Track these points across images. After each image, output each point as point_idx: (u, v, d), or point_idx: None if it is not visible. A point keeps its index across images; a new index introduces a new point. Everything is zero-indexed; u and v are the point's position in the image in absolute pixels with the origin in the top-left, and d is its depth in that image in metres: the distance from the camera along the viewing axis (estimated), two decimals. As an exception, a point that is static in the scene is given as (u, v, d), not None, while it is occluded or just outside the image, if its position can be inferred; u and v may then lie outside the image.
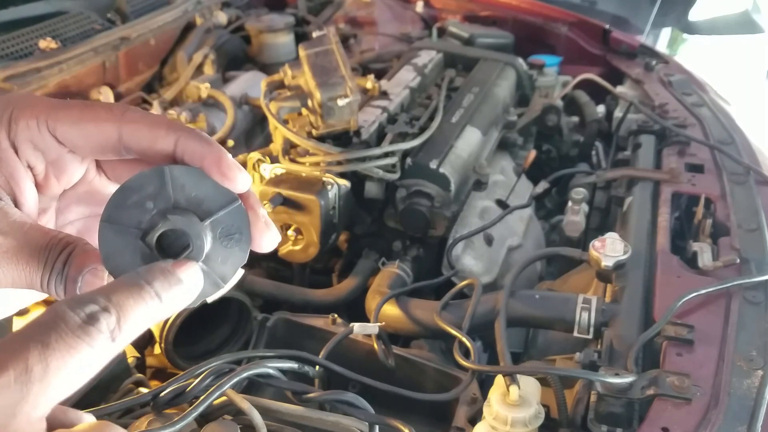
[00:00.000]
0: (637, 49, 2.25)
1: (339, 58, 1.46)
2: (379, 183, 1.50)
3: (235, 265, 0.45)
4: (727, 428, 0.86)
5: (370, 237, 1.58)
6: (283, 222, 1.43)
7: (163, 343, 1.23)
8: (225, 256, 0.44)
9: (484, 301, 1.20)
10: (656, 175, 1.49)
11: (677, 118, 1.71)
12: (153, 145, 0.43)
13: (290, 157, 1.46)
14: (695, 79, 2.01)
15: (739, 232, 1.26)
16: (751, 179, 1.43)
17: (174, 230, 0.42)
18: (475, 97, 1.82)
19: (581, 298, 1.15)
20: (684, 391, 0.91)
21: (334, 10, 2.73)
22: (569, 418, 0.98)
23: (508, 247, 1.61)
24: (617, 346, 1.05)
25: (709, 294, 1.09)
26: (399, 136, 1.55)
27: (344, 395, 0.90)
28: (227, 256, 0.44)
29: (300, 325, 1.24)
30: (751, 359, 0.96)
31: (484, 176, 1.60)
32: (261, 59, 2.35)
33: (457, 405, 1.05)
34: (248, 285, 1.44)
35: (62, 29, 1.91)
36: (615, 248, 1.17)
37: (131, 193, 0.42)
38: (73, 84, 1.83)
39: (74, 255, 0.41)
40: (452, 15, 2.66)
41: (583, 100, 2.11)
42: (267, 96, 1.56)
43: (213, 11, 2.39)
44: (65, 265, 0.40)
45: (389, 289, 1.34)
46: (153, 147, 0.43)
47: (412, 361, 1.17)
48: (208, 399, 0.85)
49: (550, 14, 2.51)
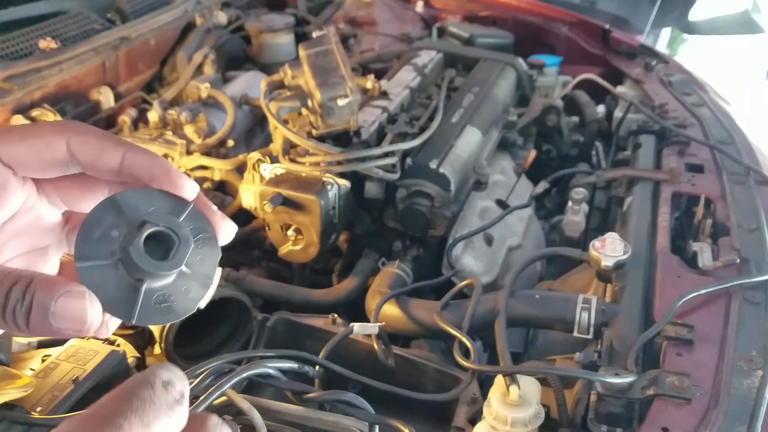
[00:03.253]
0: (637, 49, 2.25)
1: (339, 58, 1.46)
2: (379, 183, 1.50)
3: (213, 262, 0.46)
4: (727, 428, 0.86)
5: (370, 237, 1.58)
6: (283, 222, 1.43)
7: (163, 343, 1.23)
8: (201, 256, 0.45)
9: (484, 301, 1.20)
10: (656, 175, 1.49)
11: (677, 118, 1.71)
12: (100, 157, 0.44)
13: (290, 157, 1.46)
14: (695, 79, 2.01)
15: (739, 232, 1.26)
16: (751, 179, 1.43)
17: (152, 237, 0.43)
18: (475, 97, 1.82)
19: (581, 298, 1.15)
20: (684, 391, 0.91)
21: (334, 10, 2.73)
22: (569, 418, 0.98)
23: (508, 247, 1.61)
24: (617, 346, 1.05)
25: (709, 294, 1.09)
26: (399, 136, 1.55)
27: (344, 395, 0.90)
28: (203, 256, 0.45)
29: (300, 325, 1.24)
30: (751, 359, 0.96)
31: (484, 176, 1.60)
32: (261, 59, 2.36)
33: (457, 405, 1.05)
34: (248, 285, 1.44)
35: (62, 29, 1.91)
36: (615, 248, 1.17)
37: (93, 228, 0.43)
38: (73, 84, 1.83)
39: (36, 282, 0.40)
40: (452, 15, 2.66)
41: (583, 100, 2.11)
42: (267, 96, 1.56)
43: (213, 11, 2.39)
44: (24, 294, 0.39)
45: (389, 289, 1.34)
46: (100, 159, 0.44)
47: (412, 361, 1.17)
48: (208, 399, 0.85)
49: (550, 14, 2.52)
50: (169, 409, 0.37)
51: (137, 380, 0.38)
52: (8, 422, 0.93)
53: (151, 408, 0.37)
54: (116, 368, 1.07)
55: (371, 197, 1.52)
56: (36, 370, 1.04)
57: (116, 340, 1.18)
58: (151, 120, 1.86)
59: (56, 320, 0.39)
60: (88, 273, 0.42)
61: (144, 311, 0.42)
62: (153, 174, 0.44)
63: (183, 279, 0.44)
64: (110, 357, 1.08)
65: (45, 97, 1.73)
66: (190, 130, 1.80)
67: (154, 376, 0.38)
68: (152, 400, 0.37)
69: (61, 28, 1.92)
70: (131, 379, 0.38)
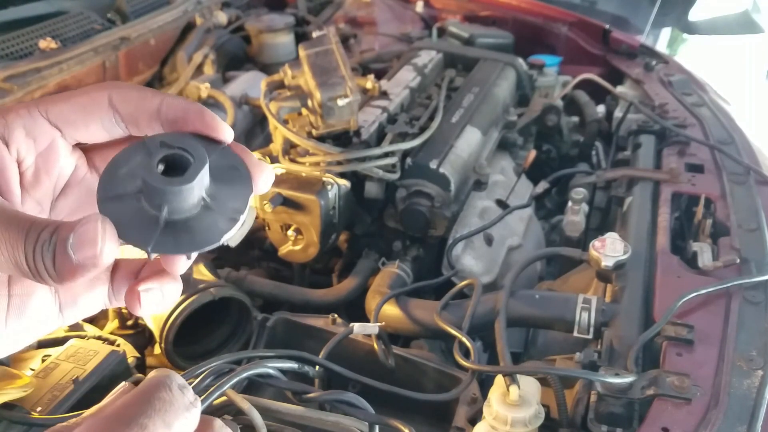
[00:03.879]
0: (637, 49, 2.25)
1: (339, 58, 1.46)
2: (379, 183, 1.50)
3: (244, 197, 0.44)
4: (727, 428, 0.86)
5: (370, 237, 1.58)
6: (283, 222, 1.43)
7: (163, 343, 1.23)
8: (231, 192, 0.44)
9: (484, 301, 1.20)
10: (656, 175, 1.49)
11: (677, 118, 1.71)
12: (140, 105, 0.44)
13: (290, 157, 1.46)
14: (695, 79, 2.01)
15: (739, 232, 1.26)
16: (751, 179, 1.43)
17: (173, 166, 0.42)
18: (475, 97, 1.82)
19: (581, 298, 1.15)
20: (684, 391, 0.91)
21: (334, 10, 2.73)
22: (569, 418, 0.98)
23: (508, 247, 1.61)
24: (617, 346, 1.05)
25: (709, 294, 1.09)
26: (399, 136, 1.55)
27: (344, 395, 0.90)
28: (233, 192, 0.44)
29: (300, 325, 1.24)
30: (751, 359, 0.96)
31: (484, 176, 1.60)
32: (261, 59, 2.36)
33: (457, 405, 1.05)
34: (248, 285, 1.44)
35: (62, 29, 1.91)
36: (615, 248, 1.17)
37: (120, 165, 0.42)
38: (73, 84, 1.83)
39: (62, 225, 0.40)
40: (452, 15, 2.66)
41: (583, 100, 2.11)
42: (267, 96, 1.56)
43: (213, 11, 2.39)
44: (52, 235, 0.39)
45: (389, 289, 1.34)
46: (140, 107, 0.44)
47: (412, 361, 1.17)
48: (208, 399, 0.85)
49: (550, 14, 2.51)
50: (186, 410, 0.40)
51: (155, 383, 0.40)
52: (8, 422, 0.93)
53: (171, 409, 0.39)
54: (116, 368, 1.07)
55: (371, 197, 1.52)
56: (36, 370, 1.05)
57: (116, 340, 1.18)
58: (151, 120, 1.86)
59: (75, 251, 0.38)
60: (107, 204, 0.41)
61: (162, 240, 0.41)
62: (187, 116, 0.44)
63: (208, 213, 0.42)
64: (110, 357, 1.08)
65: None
66: (190, 130, 1.80)
67: (170, 379, 0.40)
68: (172, 402, 0.39)
69: (61, 28, 1.92)
70: (149, 383, 0.40)
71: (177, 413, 0.39)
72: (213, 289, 1.26)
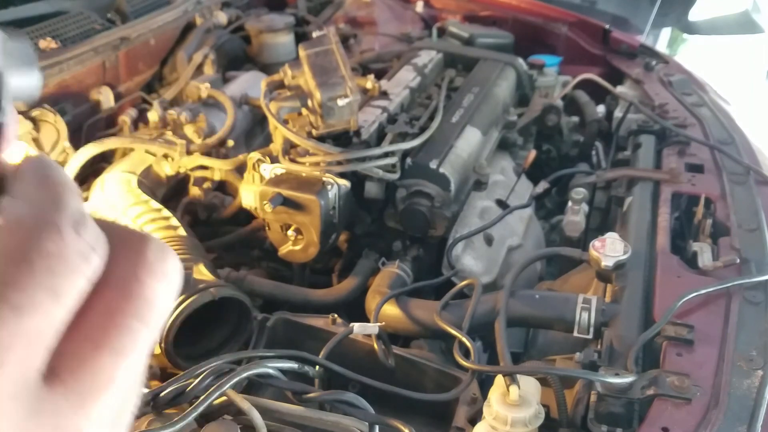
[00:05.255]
0: (637, 49, 2.25)
1: (339, 58, 1.46)
2: (379, 183, 1.50)
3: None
4: (727, 428, 0.86)
5: (370, 237, 1.58)
6: (283, 222, 1.43)
7: (163, 343, 1.23)
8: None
9: (484, 301, 1.20)
10: (656, 175, 1.49)
11: (677, 118, 1.71)
12: None
13: (290, 157, 1.46)
14: (695, 79, 2.01)
15: (739, 232, 1.26)
16: (751, 179, 1.43)
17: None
18: (475, 97, 1.82)
19: (581, 298, 1.15)
20: (684, 391, 0.91)
21: (334, 10, 2.73)
22: (569, 418, 0.98)
23: (508, 247, 1.61)
24: (617, 346, 1.05)
25: (709, 294, 1.09)
26: (399, 136, 1.55)
27: (344, 395, 0.90)
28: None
29: (300, 325, 1.24)
30: (751, 359, 0.96)
31: (484, 176, 1.60)
32: (261, 59, 2.35)
33: (457, 405, 1.05)
34: (248, 285, 1.44)
35: (62, 29, 1.91)
36: (615, 248, 1.17)
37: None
38: (73, 84, 1.83)
39: None
40: (452, 15, 2.66)
41: (583, 100, 2.11)
42: (267, 96, 1.56)
43: (213, 11, 2.39)
44: None
45: (389, 289, 1.34)
46: None
47: (412, 361, 1.17)
48: (208, 399, 0.85)
49: (550, 14, 2.51)
50: (84, 262, 0.25)
51: (35, 219, 0.25)
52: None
53: (61, 269, 0.25)
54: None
55: (371, 197, 1.52)
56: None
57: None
58: (151, 120, 1.86)
59: None
60: None
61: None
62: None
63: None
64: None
65: (45, 97, 1.72)
66: (190, 130, 1.80)
67: (59, 204, 0.26)
68: (61, 256, 0.25)
69: (61, 28, 1.91)
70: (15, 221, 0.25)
71: (70, 274, 0.25)
72: (213, 289, 1.26)
